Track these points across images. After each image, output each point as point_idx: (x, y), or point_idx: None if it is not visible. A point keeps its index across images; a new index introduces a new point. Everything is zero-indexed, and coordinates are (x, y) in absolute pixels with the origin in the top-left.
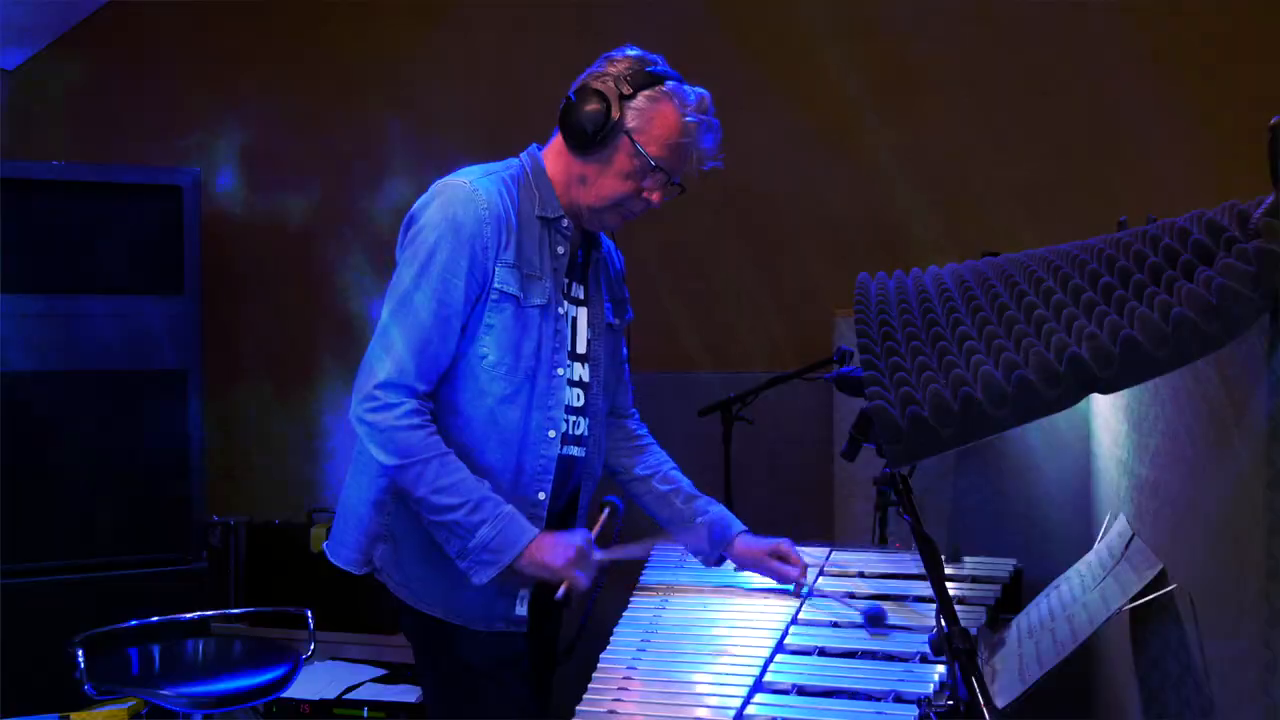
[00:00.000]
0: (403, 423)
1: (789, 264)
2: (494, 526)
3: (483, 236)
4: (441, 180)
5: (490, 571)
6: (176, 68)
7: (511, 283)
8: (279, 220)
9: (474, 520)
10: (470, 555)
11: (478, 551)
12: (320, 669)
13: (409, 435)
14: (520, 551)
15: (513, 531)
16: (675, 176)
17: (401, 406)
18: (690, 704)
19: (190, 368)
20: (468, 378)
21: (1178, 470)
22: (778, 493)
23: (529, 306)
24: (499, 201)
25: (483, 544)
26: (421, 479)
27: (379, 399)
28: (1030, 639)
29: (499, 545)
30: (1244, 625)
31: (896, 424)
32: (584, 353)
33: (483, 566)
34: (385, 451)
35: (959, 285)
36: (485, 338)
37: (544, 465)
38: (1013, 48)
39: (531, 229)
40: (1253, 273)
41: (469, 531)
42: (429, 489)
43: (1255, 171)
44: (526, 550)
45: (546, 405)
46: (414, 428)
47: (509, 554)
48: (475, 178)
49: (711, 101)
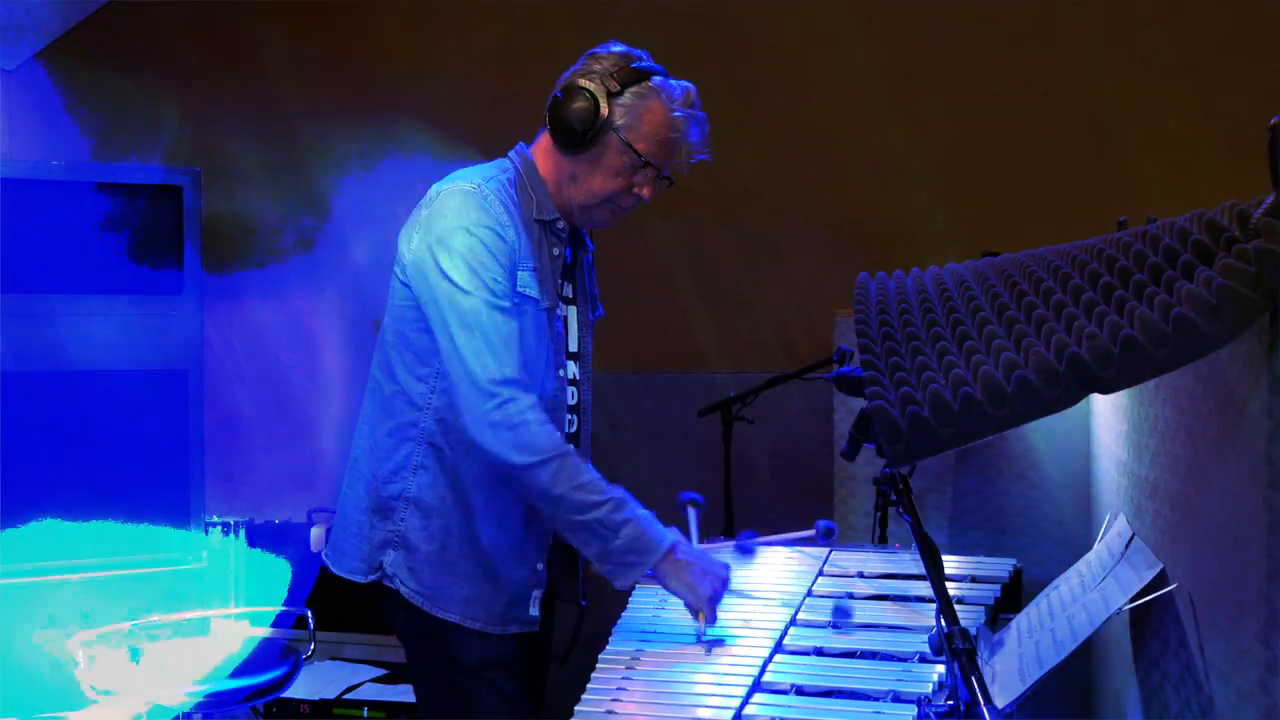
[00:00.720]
0: (533, 416)
1: (789, 264)
2: (637, 526)
3: (507, 238)
4: (446, 185)
5: (634, 574)
6: (176, 68)
7: (532, 285)
8: (279, 220)
9: (618, 519)
10: (614, 557)
11: (622, 553)
12: (320, 669)
13: (542, 429)
14: (662, 555)
15: (655, 533)
16: (665, 171)
17: (521, 401)
18: (689, 704)
19: (190, 368)
20: None
21: (1178, 470)
22: (778, 493)
23: (543, 309)
24: (505, 203)
25: (628, 544)
26: (561, 474)
27: (501, 394)
28: (1030, 639)
29: (644, 546)
30: (1244, 625)
31: (896, 424)
32: (575, 351)
33: (626, 569)
34: (518, 449)
35: (959, 285)
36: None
37: None
38: (1013, 48)
39: (532, 231)
40: (1253, 273)
41: (613, 531)
42: (569, 485)
43: (1255, 171)
44: (667, 557)
45: (554, 407)
46: (544, 422)
47: (653, 556)
48: (480, 181)
49: (697, 94)
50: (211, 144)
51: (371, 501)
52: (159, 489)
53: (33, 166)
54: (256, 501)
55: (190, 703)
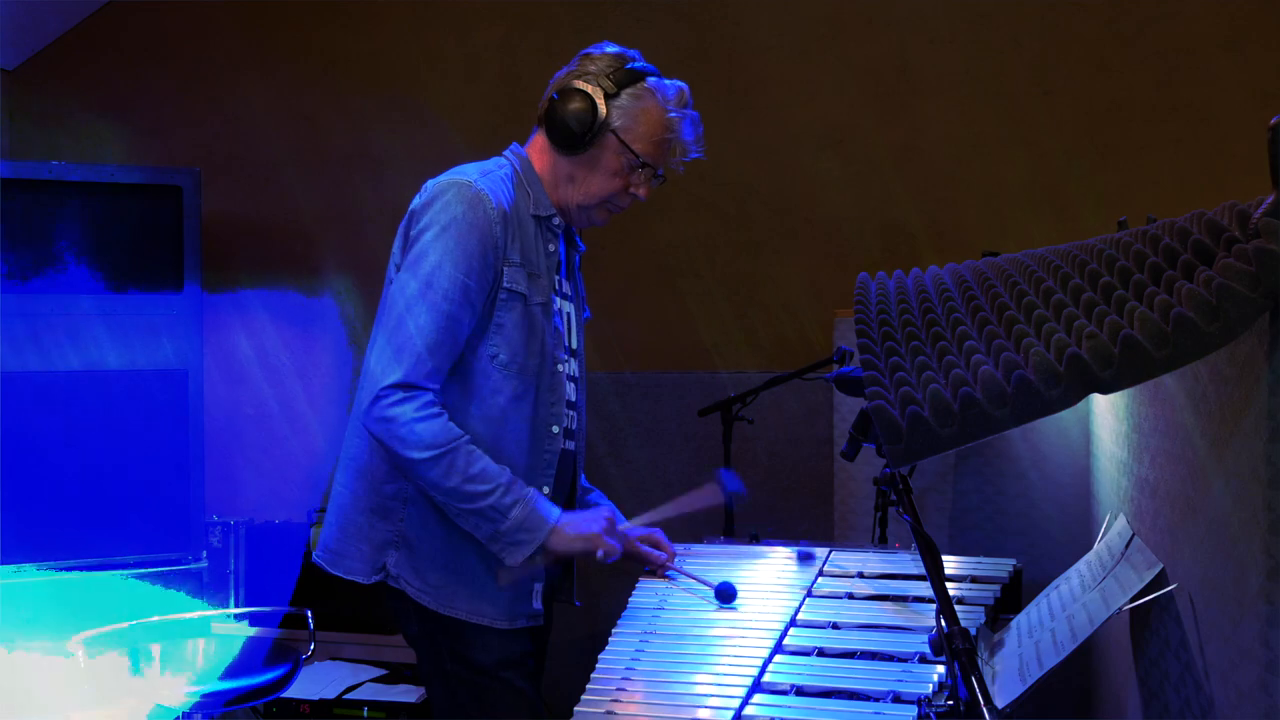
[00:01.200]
0: (423, 414)
1: (789, 264)
2: (525, 506)
3: (493, 235)
4: (440, 180)
5: (525, 550)
6: (176, 68)
7: (520, 281)
8: (279, 220)
9: (506, 502)
10: (504, 537)
11: (512, 532)
12: (320, 669)
13: (432, 425)
14: (552, 527)
15: (543, 509)
16: (660, 170)
17: (420, 399)
18: (689, 704)
19: (190, 368)
20: (480, 377)
21: (1178, 470)
22: (778, 493)
23: (534, 304)
24: (502, 199)
25: (517, 524)
26: (454, 468)
27: (397, 394)
28: (1030, 639)
29: (533, 524)
30: (1244, 625)
31: (896, 424)
32: (573, 347)
33: (516, 547)
34: (409, 445)
35: (959, 285)
36: (496, 337)
37: (549, 460)
38: (1013, 48)
39: (528, 227)
40: (1253, 273)
41: (502, 514)
42: (461, 478)
43: (1255, 171)
44: (558, 526)
45: (549, 402)
46: (434, 417)
47: (542, 531)
48: (475, 177)
49: (690, 94)
50: (211, 144)
51: (371, 501)
52: (159, 489)
53: (33, 166)
54: (256, 501)
55: (190, 703)
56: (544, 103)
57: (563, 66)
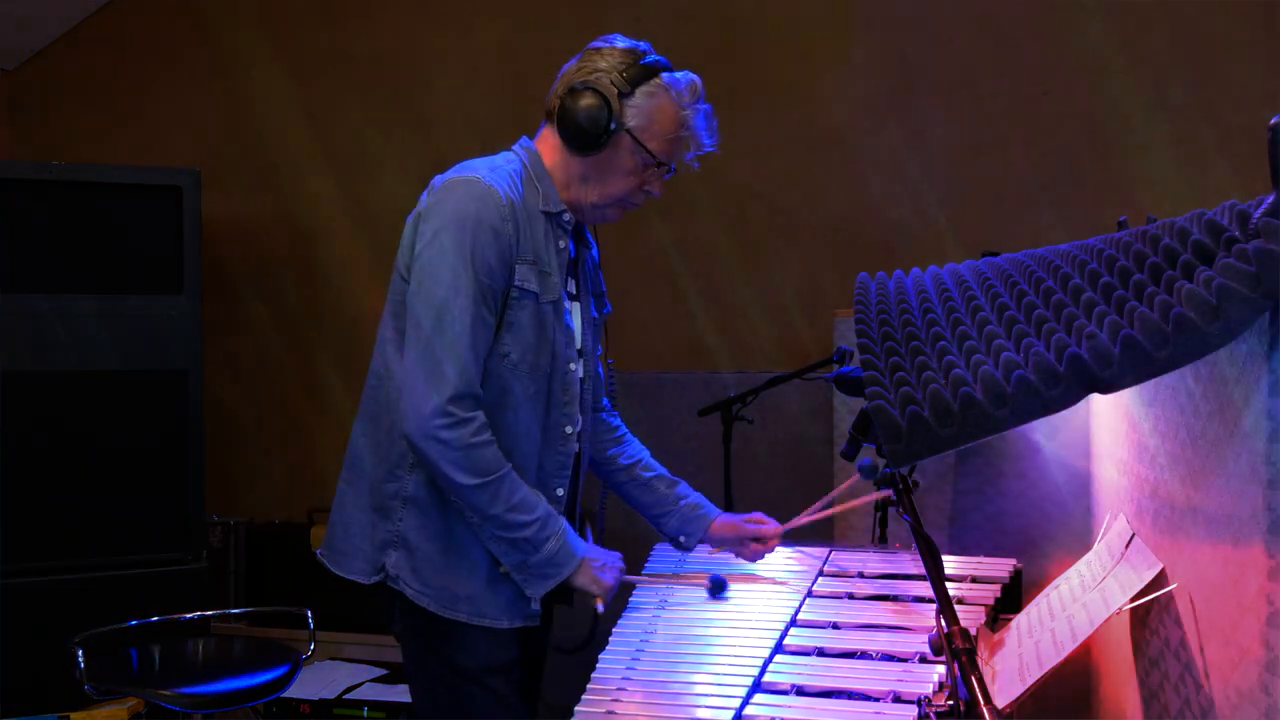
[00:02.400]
0: (479, 439)
1: (789, 264)
2: (558, 541)
3: (505, 233)
4: (449, 177)
5: (548, 585)
6: (176, 68)
7: (531, 279)
8: (279, 220)
9: (542, 536)
10: (532, 569)
11: (541, 565)
12: (320, 669)
13: (484, 452)
14: (577, 567)
15: (573, 543)
16: (674, 167)
17: (475, 422)
18: (689, 704)
19: (190, 368)
20: (493, 377)
21: (1177, 470)
22: (778, 493)
23: (545, 303)
24: (512, 195)
25: (547, 558)
26: (498, 497)
27: (454, 415)
28: (1030, 639)
29: (562, 559)
30: (1244, 625)
31: (896, 424)
32: (580, 348)
33: (541, 580)
34: (461, 470)
35: (959, 285)
36: (507, 336)
37: (562, 461)
38: (1013, 48)
39: (538, 224)
40: (1253, 273)
41: (535, 547)
42: (504, 507)
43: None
44: (582, 565)
45: (562, 402)
46: (487, 443)
47: (568, 568)
48: (484, 173)
49: (703, 85)
50: (211, 144)
51: (372, 500)
52: (159, 489)
53: (33, 167)
54: (256, 501)
55: (190, 703)
56: (554, 99)
57: (569, 59)
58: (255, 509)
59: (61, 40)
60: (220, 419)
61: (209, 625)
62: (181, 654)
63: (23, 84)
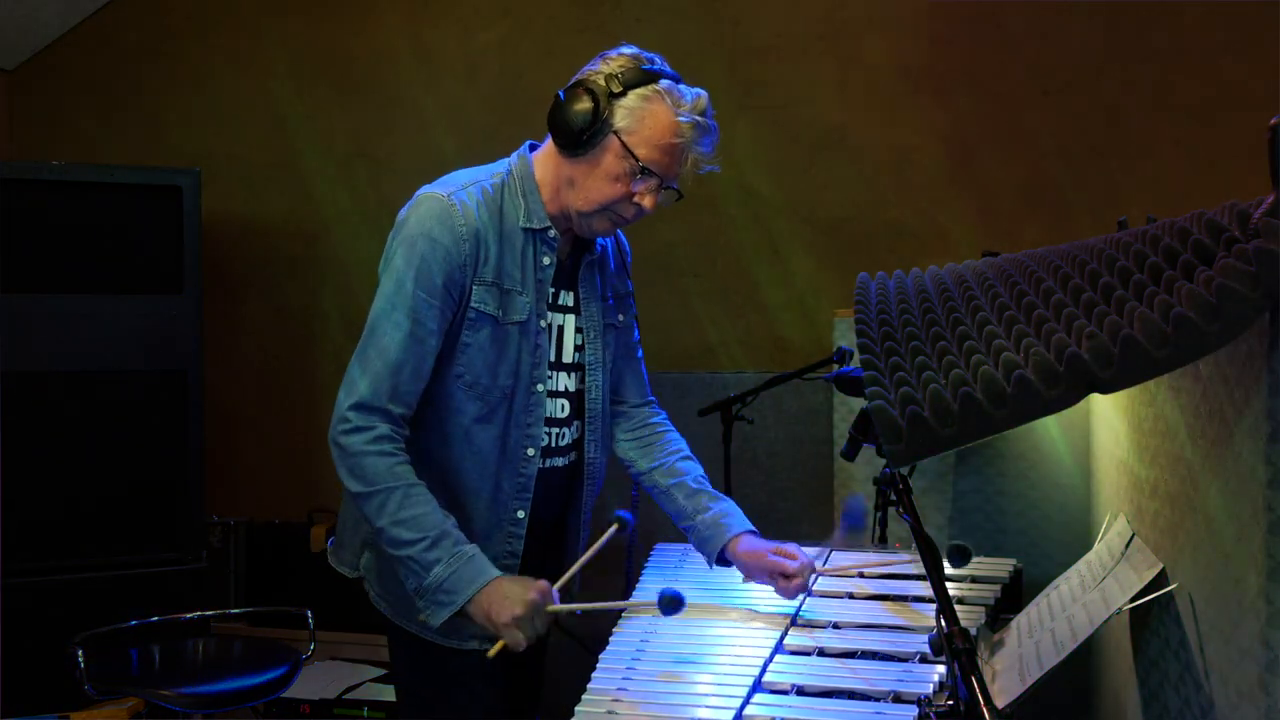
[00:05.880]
0: (371, 449)
1: (789, 264)
2: (449, 566)
3: (460, 254)
4: (422, 191)
5: (445, 612)
6: (176, 68)
7: (489, 301)
8: (279, 220)
9: (429, 558)
10: (425, 594)
11: (432, 591)
12: (320, 669)
13: (376, 462)
14: (473, 595)
15: (468, 573)
16: (669, 180)
17: (372, 431)
18: (689, 704)
19: (190, 368)
20: (445, 396)
21: (1178, 470)
22: (777, 493)
23: (507, 324)
24: (477, 215)
25: (437, 583)
26: (384, 509)
27: (350, 421)
28: (1030, 639)
29: (452, 586)
30: (1244, 625)
31: (896, 424)
32: (571, 361)
33: (438, 607)
34: (352, 477)
35: (959, 285)
36: (462, 357)
37: (523, 483)
38: (1013, 48)
39: (514, 241)
40: (1253, 273)
41: (424, 569)
42: (389, 520)
43: (1255, 171)
44: (480, 594)
45: (525, 423)
46: (382, 454)
47: (462, 596)
48: (455, 190)
49: (710, 103)
50: (211, 144)
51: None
52: (159, 489)
53: (33, 166)
54: (256, 501)
55: (190, 703)
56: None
57: (562, 65)
58: (255, 509)
59: (61, 40)
60: (220, 419)
61: (209, 625)
62: (181, 654)
63: (23, 84)
